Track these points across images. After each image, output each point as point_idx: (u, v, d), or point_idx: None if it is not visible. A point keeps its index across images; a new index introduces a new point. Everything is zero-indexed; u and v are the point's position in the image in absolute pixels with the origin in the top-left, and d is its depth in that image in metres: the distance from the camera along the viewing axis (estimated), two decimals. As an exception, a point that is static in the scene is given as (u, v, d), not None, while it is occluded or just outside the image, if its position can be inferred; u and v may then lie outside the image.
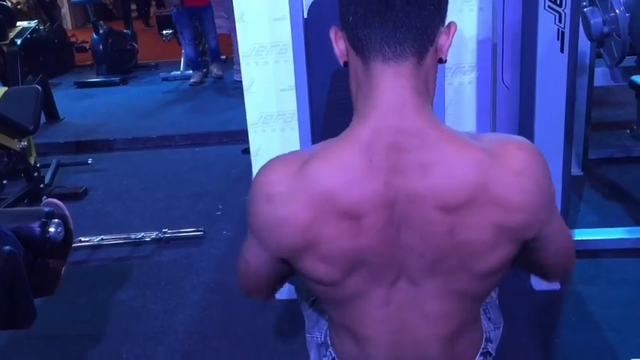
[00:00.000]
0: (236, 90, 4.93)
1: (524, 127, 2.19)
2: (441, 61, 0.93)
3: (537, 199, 0.90)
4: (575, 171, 3.10)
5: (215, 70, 6.41)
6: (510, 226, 0.90)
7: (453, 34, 0.91)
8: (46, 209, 1.60)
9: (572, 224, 2.44)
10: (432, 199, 0.87)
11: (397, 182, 0.88)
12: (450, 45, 0.91)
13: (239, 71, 6.71)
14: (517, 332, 2.07)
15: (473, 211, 0.88)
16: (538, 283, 2.32)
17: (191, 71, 6.59)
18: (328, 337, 1.16)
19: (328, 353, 1.16)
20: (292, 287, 2.30)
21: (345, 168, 0.88)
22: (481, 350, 1.12)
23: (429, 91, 0.91)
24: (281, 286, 1.15)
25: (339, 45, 0.93)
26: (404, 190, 0.88)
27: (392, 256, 0.93)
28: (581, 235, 2.51)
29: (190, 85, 6.28)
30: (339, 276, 0.94)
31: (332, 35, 0.93)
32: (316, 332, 1.24)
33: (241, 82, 6.66)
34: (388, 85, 0.87)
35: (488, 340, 1.16)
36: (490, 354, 1.16)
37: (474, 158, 0.87)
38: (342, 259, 0.92)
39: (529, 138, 2.13)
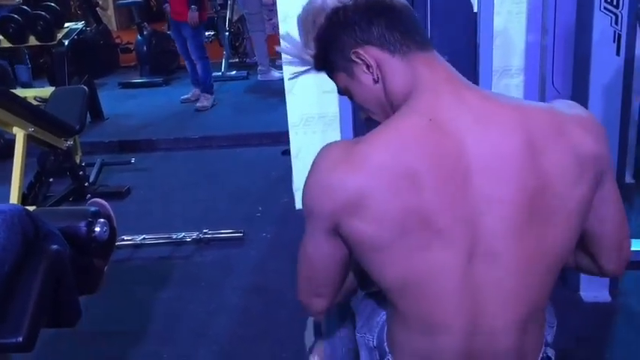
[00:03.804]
0: (277, 91, 4.94)
1: (576, 132, 2.12)
2: None
3: (602, 137, 0.95)
4: (627, 179, 2.99)
5: (199, 102, 5.49)
6: (585, 153, 0.92)
7: None
8: (92, 209, 1.61)
9: (624, 234, 2.34)
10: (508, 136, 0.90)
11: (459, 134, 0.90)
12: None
13: (263, 72, 6.68)
14: (566, 345, 1.99)
15: (548, 143, 0.90)
16: (588, 294, 2.24)
17: (234, 72, 6.65)
18: (385, 343, 1.07)
19: None
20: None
21: (402, 132, 0.92)
22: (541, 355, 1.06)
23: None
24: (343, 280, 1.06)
25: None
26: (470, 139, 0.90)
27: (461, 215, 0.89)
28: (633, 245, 2.40)
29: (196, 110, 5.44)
30: (389, 235, 0.89)
31: None
32: (367, 333, 1.14)
33: (273, 82, 6.51)
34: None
35: (547, 344, 1.10)
36: (550, 359, 1.09)
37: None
38: (396, 216, 0.88)
39: (581, 144, 2.07)
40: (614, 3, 1.87)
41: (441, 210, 0.88)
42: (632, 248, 2.44)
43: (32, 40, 4.94)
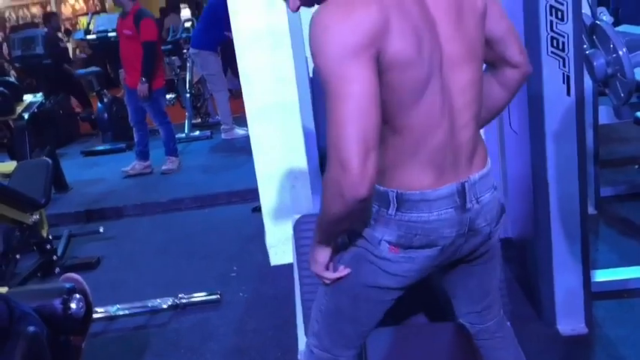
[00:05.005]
0: (243, 148, 4.97)
1: (538, 171, 2.19)
2: None
3: None
4: (589, 210, 3.08)
5: (165, 165, 5.48)
6: None
7: None
8: (67, 285, 1.59)
9: (593, 265, 2.40)
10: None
11: None
12: None
13: (226, 130, 6.68)
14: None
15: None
16: (564, 328, 2.27)
17: (197, 132, 6.68)
18: (386, 188, 1.27)
19: (391, 196, 1.27)
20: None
21: None
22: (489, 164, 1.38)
23: None
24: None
25: None
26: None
27: (431, 30, 1.20)
28: (604, 275, 2.47)
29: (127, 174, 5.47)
30: (412, 49, 1.16)
31: None
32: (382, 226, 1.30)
33: (237, 140, 6.39)
34: None
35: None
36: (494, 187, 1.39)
37: None
38: (410, 35, 1.16)
39: (543, 182, 2.15)
40: (560, 47, 1.98)
41: (424, 30, 1.19)
42: (603, 279, 2.50)
43: (-9, 116, 4.91)
